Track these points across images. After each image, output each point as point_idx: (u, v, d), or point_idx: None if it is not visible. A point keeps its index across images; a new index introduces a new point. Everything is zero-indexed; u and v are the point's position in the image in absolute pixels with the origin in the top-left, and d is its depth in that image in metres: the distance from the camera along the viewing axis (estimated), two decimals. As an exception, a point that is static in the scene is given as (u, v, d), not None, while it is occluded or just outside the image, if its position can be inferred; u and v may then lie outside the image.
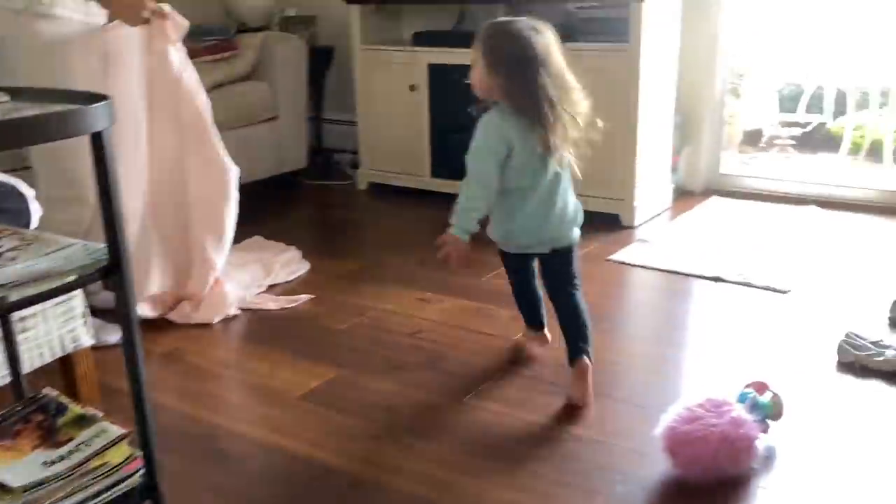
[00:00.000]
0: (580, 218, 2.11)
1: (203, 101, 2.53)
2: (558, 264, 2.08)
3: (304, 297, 2.72)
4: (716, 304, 2.64)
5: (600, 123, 2.05)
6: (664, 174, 3.59)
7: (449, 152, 3.77)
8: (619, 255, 3.03)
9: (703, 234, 3.24)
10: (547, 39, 1.92)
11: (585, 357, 2.03)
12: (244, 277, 2.80)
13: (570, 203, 2.07)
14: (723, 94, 3.80)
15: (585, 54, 3.31)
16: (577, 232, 2.10)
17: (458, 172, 3.72)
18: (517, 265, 2.20)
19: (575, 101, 1.94)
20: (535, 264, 2.18)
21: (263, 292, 2.77)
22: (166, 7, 2.35)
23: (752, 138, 5.44)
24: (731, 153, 4.65)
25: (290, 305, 2.67)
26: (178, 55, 2.45)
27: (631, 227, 3.34)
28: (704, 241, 3.15)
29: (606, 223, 3.35)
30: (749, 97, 5.19)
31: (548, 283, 2.14)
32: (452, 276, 2.76)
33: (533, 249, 2.09)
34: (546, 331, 2.31)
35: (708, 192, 3.82)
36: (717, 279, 2.78)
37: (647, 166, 3.38)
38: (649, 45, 3.21)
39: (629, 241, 3.18)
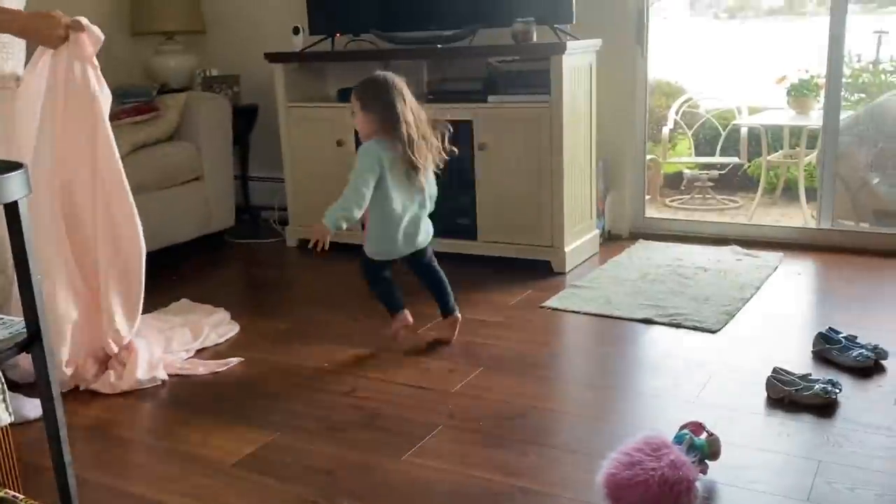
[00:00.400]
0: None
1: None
2: (424, 253, 2.71)
3: (235, 359, 2.66)
4: (648, 346, 2.69)
5: (455, 151, 2.68)
6: (591, 220, 3.67)
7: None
8: (552, 302, 3.06)
9: (632, 277, 3.30)
10: (402, 85, 2.57)
11: (457, 311, 2.73)
12: (171, 342, 2.71)
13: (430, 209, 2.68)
14: (643, 140, 3.91)
15: (508, 107, 3.39)
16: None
17: (388, 226, 3.74)
18: (387, 268, 2.71)
19: (426, 129, 2.57)
20: None
21: (192, 357, 2.70)
22: (83, 19, 2.28)
23: (673, 182, 5.62)
24: (653, 197, 4.80)
25: (220, 369, 2.60)
26: (94, 73, 2.34)
27: (562, 274, 3.39)
28: (634, 284, 3.21)
29: (537, 270, 3.39)
30: (667, 142, 5.37)
31: (418, 269, 2.74)
32: (385, 329, 2.74)
33: (406, 253, 2.66)
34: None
35: (634, 236, 3.91)
36: (647, 321, 2.83)
37: (574, 213, 3.44)
38: (570, 96, 3.30)
39: (561, 288, 3.22)
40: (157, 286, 3.32)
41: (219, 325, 2.92)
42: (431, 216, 2.71)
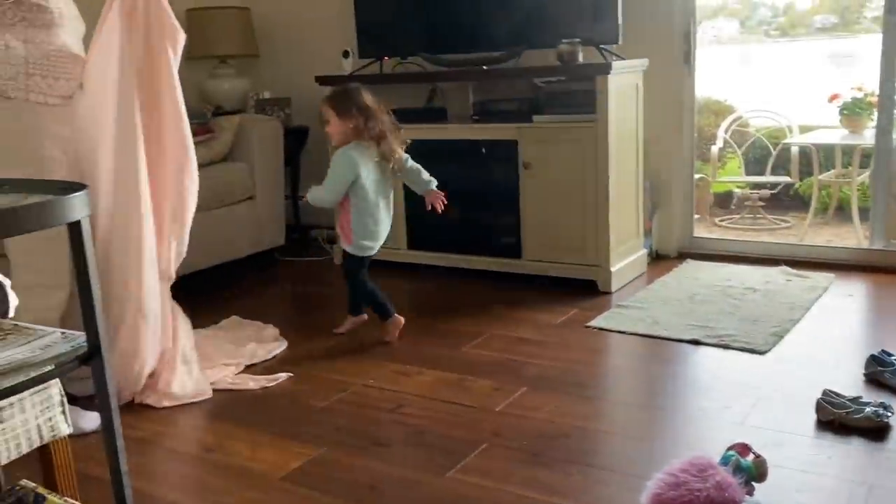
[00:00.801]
0: None
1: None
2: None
3: (284, 375, 2.71)
4: (695, 367, 2.66)
5: (408, 141, 2.99)
6: (638, 239, 3.65)
7: (425, 224, 3.81)
8: (598, 322, 3.06)
9: (679, 297, 3.28)
10: (367, 91, 2.90)
11: (396, 314, 2.98)
12: (222, 358, 2.78)
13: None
14: (691, 159, 3.89)
15: (553, 126, 3.41)
16: None
17: (434, 244, 3.80)
18: (364, 266, 2.97)
19: (389, 122, 2.89)
20: None
21: (242, 372, 2.76)
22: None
23: (723, 201, 5.56)
24: (702, 216, 4.75)
25: (269, 384, 2.66)
26: (175, 62, 2.43)
27: (608, 293, 3.38)
28: (682, 305, 3.18)
29: (583, 290, 3.39)
30: (717, 161, 5.32)
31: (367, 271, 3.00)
32: (431, 347, 2.77)
33: (379, 247, 2.98)
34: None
35: (682, 256, 3.88)
36: (695, 342, 2.80)
37: (620, 232, 3.44)
38: (616, 116, 3.31)
39: (607, 307, 3.21)
40: (209, 303, 3.41)
41: (268, 342, 2.98)
42: (476, 229, 3.06)
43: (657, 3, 3.65)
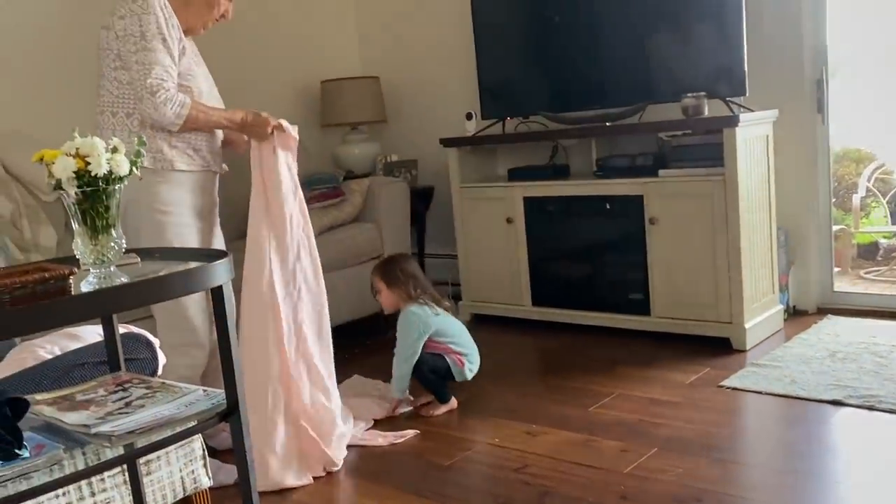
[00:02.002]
0: None
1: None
2: None
3: (411, 432, 2.76)
4: (836, 430, 2.51)
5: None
6: (774, 294, 3.51)
7: (548, 281, 3.82)
8: (732, 381, 2.94)
9: (819, 355, 3.11)
10: (412, 259, 3.20)
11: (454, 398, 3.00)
12: (350, 415, 2.86)
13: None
14: (828, 210, 3.73)
15: (680, 181, 3.36)
16: None
17: (558, 300, 3.79)
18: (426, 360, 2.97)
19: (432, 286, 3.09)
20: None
21: (371, 428, 2.83)
22: (284, 122, 2.56)
23: (868, 252, 5.26)
24: (843, 269, 4.51)
25: (397, 441, 2.71)
26: (293, 167, 2.61)
27: (742, 351, 3.26)
28: (821, 363, 3.02)
29: (717, 348, 3.28)
30: (859, 211, 5.06)
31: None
32: (557, 406, 2.74)
33: None
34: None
35: (822, 311, 3.69)
36: (836, 403, 2.65)
37: (754, 287, 3.32)
38: (745, 168, 3.23)
39: (741, 366, 3.09)
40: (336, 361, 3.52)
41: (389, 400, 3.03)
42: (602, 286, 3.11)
43: (785, 52, 3.56)
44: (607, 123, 3.66)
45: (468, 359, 3.00)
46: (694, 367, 3.14)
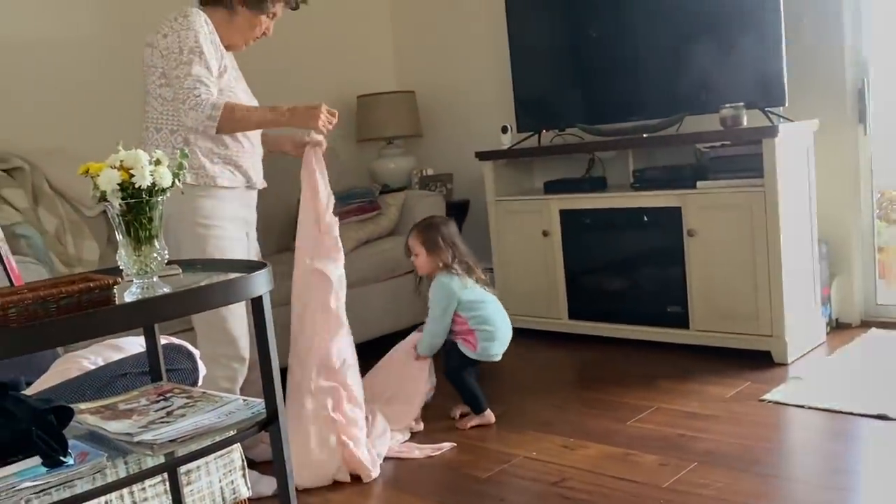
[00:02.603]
0: None
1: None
2: None
3: (448, 444, 2.75)
4: (882, 445, 2.45)
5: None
6: (815, 307, 3.45)
7: (585, 294, 3.80)
8: (773, 395, 2.89)
9: (863, 368, 3.05)
10: (452, 223, 3.05)
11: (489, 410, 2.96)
12: (388, 428, 2.86)
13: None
14: (871, 221, 3.66)
15: (719, 192, 3.32)
16: None
17: (595, 313, 3.76)
18: (468, 364, 2.96)
19: (470, 254, 3.03)
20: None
21: (408, 440, 2.82)
22: (319, 137, 2.60)
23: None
24: (889, 281, 4.41)
25: (434, 453, 2.70)
26: (324, 179, 2.64)
27: (784, 364, 3.20)
28: (865, 376, 2.96)
29: (757, 361, 3.23)
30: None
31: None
32: (595, 420, 2.72)
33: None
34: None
35: (866, 324, 3.62)
36: (882, 417, 2.59)
37: (796, 300, 3.26)
38: (785, 179, 3.18)
39: (783, 380, 3.04)
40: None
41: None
42: (640, 299, 3.06)
43: (825, 62, 3.51)
44: (644, 135, 3.64)
45: (485, 336, 2.92)
46: (734, 380, 3.10)
